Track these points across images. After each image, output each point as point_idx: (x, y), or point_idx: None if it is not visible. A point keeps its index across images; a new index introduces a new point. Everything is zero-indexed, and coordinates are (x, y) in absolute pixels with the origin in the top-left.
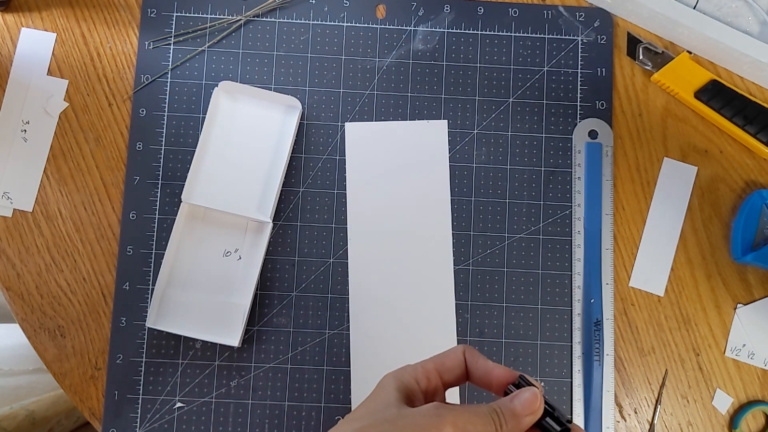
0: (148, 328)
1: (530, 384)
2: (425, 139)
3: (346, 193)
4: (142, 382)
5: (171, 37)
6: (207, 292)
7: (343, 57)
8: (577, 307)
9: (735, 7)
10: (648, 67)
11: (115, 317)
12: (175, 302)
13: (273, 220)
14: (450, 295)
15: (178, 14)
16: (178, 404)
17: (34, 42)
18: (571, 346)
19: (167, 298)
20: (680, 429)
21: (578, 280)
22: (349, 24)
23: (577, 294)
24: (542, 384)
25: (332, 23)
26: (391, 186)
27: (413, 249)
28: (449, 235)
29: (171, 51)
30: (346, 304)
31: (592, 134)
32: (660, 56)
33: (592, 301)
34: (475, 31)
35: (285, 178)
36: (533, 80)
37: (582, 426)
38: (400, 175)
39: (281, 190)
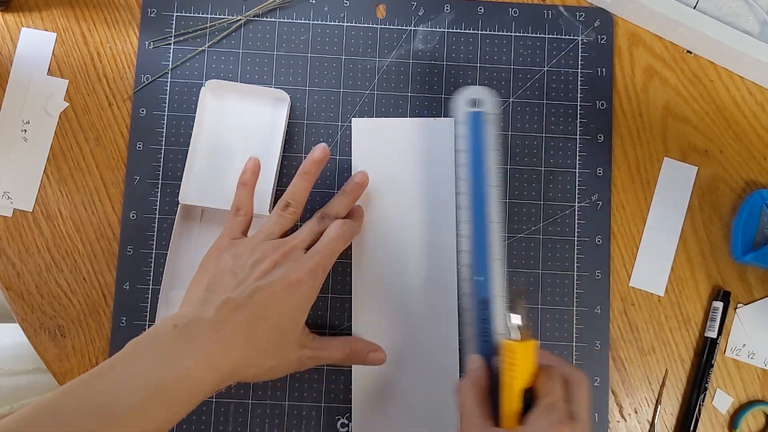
0: (149, 327)
1: None
2: (432, 136)
3: None
4: None
5: (171, 37)
6: None
7: (343, 57)
8: (465, 286)
9: (735, 7)
10: None
11: (115, 317)
12: (179, 304)
13: None
14: (453, 294)
15: (178, 14)
16: None
17: (34, 42)
18: (573, 346)
19: (173, 300)
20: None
21: (465, 258)
22: (349, 24)
23: (464, 272)
24: None
25: (332, 23)
26: (396, 183)
27: (416, 248)
28: (453, 233)
29: (171, 51)
30: (347, 303)
31: (474, 103)
32: None
33: (480, 279)
34: (475, 31)
35: (285, 177)
36: (533, 80)
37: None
38: (406, 172)
39: (282, 190)
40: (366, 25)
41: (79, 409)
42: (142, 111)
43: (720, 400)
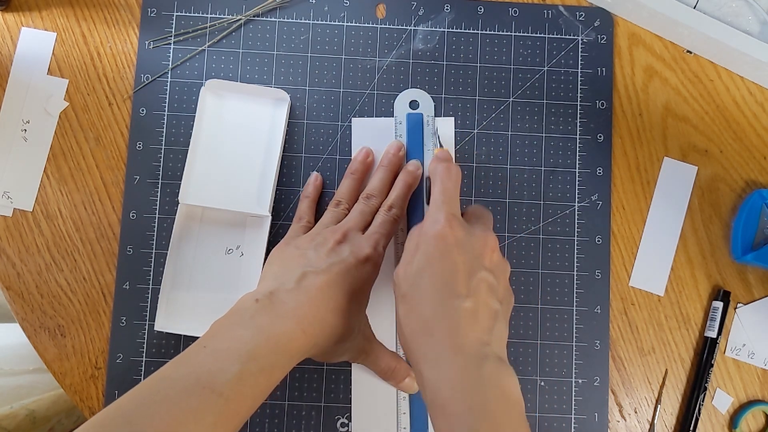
0: (149, 327)
1: None
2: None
3: None
4: None
5: (171, 36)
6: (212, 290)
7: (343, 57)
8: None
9: (735, 6)
10: None
11: (115, 317)
12: (181, 304)
13: (274, 220)
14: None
15: (178, 14)
16: None
17: (34, 41)
18: (573, 345)
19: (173, 300)
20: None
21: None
22: (349, 24)
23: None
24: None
25: (332, 23)
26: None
27: None
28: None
29: (171, 50)
30: None
31: (413, 105)
32: None
33: None
34: (476, 31)
35: (285, 177)
36: (533, 80)
37: (407, 399)
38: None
39: (282, 190)
40: (366, 24)
41: (180, 383)
42: (142, 111)
43: (720, 400)
